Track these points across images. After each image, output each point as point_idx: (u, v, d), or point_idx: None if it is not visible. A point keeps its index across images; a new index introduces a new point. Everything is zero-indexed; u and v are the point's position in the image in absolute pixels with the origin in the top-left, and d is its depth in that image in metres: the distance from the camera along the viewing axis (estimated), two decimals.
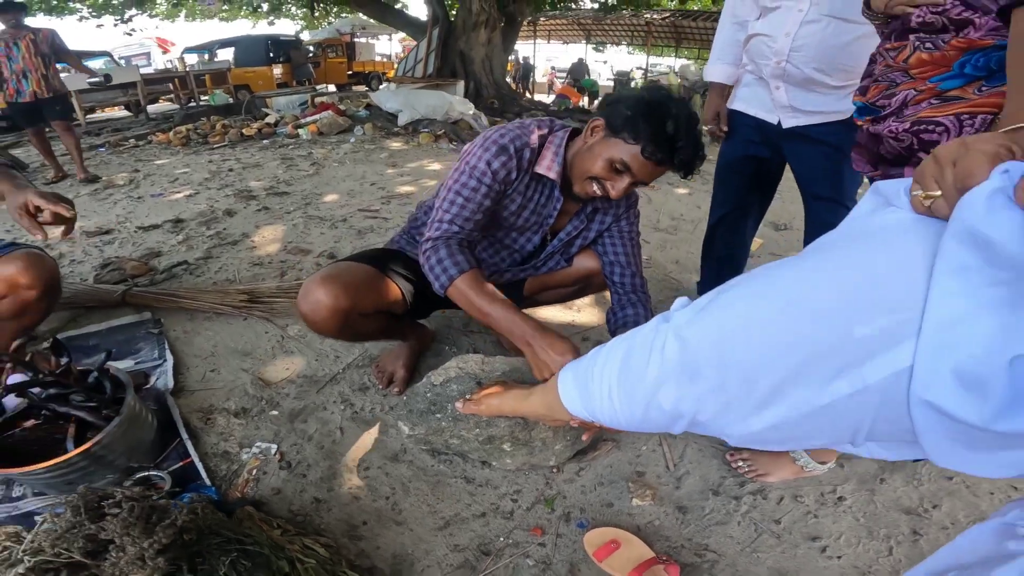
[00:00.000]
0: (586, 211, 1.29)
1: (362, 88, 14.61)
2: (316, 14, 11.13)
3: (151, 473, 1.20)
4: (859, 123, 0.96)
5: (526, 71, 14.06)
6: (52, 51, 3.91)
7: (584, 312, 1.89)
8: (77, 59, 4.35)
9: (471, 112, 5.69)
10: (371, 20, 12.20)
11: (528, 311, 1.17)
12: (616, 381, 0.66)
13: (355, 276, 1.20)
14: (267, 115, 6.03)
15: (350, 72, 14.70)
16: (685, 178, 1.12)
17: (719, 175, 1.73)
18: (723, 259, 1.84)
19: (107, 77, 4.46)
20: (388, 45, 18.25)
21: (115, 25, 10.28)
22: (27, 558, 0.86)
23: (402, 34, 12.84)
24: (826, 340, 0.45)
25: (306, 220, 2.68)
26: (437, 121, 5.26)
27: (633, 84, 11.44)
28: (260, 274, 2.12)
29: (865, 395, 0.43)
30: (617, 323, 1.27)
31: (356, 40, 15.54)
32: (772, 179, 1.68)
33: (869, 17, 0.94)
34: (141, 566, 0.84)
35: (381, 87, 13.87)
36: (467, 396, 1.07)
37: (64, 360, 1.28)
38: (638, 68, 13.69)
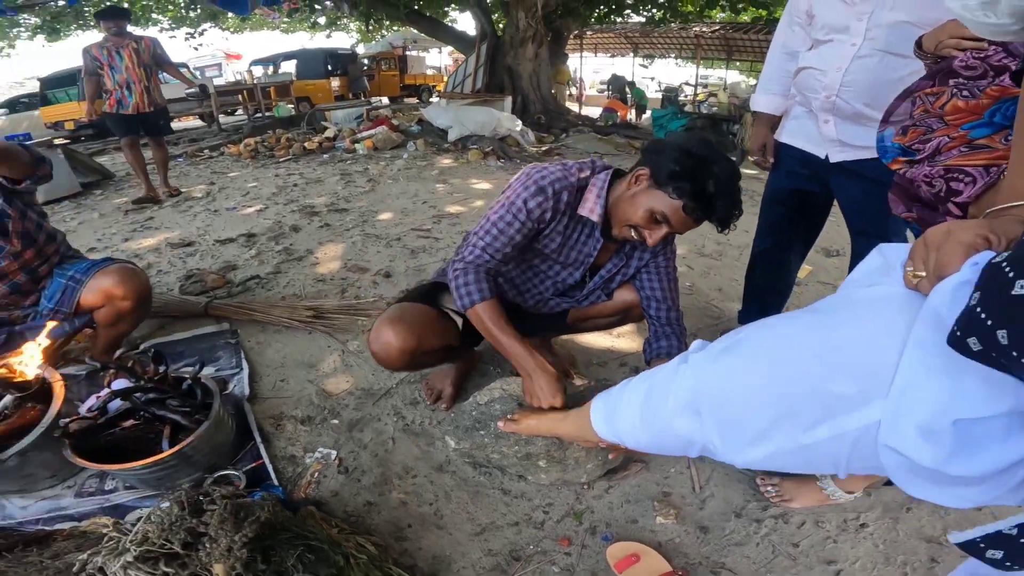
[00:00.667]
0: (625, 249, 1.36)
1: (413, 100, 15.08)
2: (370, 29, 11.56)
3: (229, 472, 1.36)
4: (894, 166, 0.97)
5: (619, 86, 12.59)
6: (154, 62, 3.82)
7: (623, 338, 1.96)
8: (178, 69, 4.25)
9: (518, 128, 5.86)
10: (422, 34, 12.58)
11: (571, 336, 1.27)
12: (639, 410, 0.79)
13: (418, 318, 1.33)
14: (326, 129, 6.39)
15: (402, 85, 15.28)
16: (721, 232, 1.17)
17: (764, 207, 1.73)
18: (766, 289, 1.84)
19: (203, 88, 4.59)
20: (438, 58, 18.70)
21: (187, 39, 10.76)
22: (133, 547, 0.99)
23: (451, 47, 13.17)
24: (812, 394, 0.56)
25: (364, 238, 2.87)
26: (485, 137, 5.45)
27: (682, 98, 11.15)
28: (323, 290, 2.31)
29: (842, 439, 0.55)
30: (652, 353, 1.35)
31: (408, 53, 16.09)
32: (819, 212, 1.67)
33: (920, 56, 0.96)
34: (227, 557, 0.98)
35: (432, 101, 14.26)
36: (509, 416, 1.21)
37: (162, 368, 1.48)
38: (687, 84, 13.27)
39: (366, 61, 14.64)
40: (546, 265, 1.39)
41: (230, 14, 9.68)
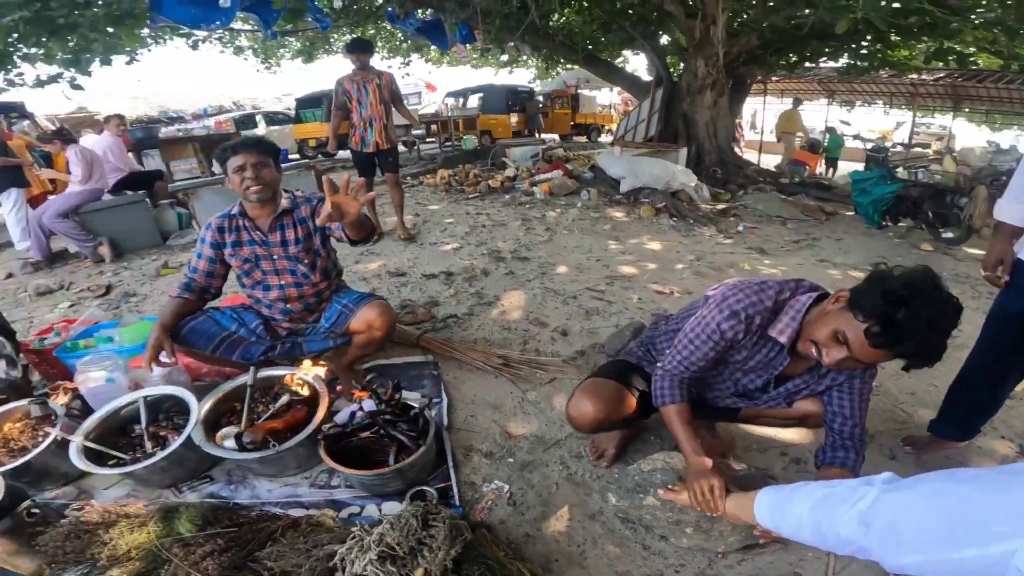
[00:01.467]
0: (820, 369, 1.35)
1: (583, 139, 15.53)
2: (549, 69, 12.14)
3: (425, 488, 1.63)
4: None
5: (813, 146, 10.57)
6: (392, 98, 3.80)
7: (788, 429, 1.91)
8: (407, 108, 4.16)
9: (693, 184, 5.76)
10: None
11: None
12: (809, 511, 0.92)
13: (610, 394, 1.56)
14: (506, 166, 7.02)
15: (573, 123, 15.71)
16: (905, 370, 1.14)
17: (989, 323, 1.60)
18: (972, 407, 1.69)
19: (428, 127, 5.02)
20: (609, 96, 19.01)
21: (400, 68, 11.95)
22: (374, 548, 1.26)
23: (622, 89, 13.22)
24: (975, 527, 0.69)
25: (543, 291, 3.14)
26: (658, 191, 5.48)
27: (891, 149, 9.43)
28: (508, 339, 2.60)
29: (985, 559, 0.67)
30: (825, 460, 1.37)
31: (580, 92, 16.45)
32: None
33: None
34: (435, 565, 1.21)
35: (601, 141, 14.49)
36: (669, 486, 1.39)
37: (397, 395, 1.84)
38: (900, 143, 11.10)
39: (541, 98, 15.37)
40: (730, 371, 1.48)
41: (432, 47, 10.70)
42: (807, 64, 9.46)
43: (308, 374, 1.92)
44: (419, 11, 7.18)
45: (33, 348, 2.39)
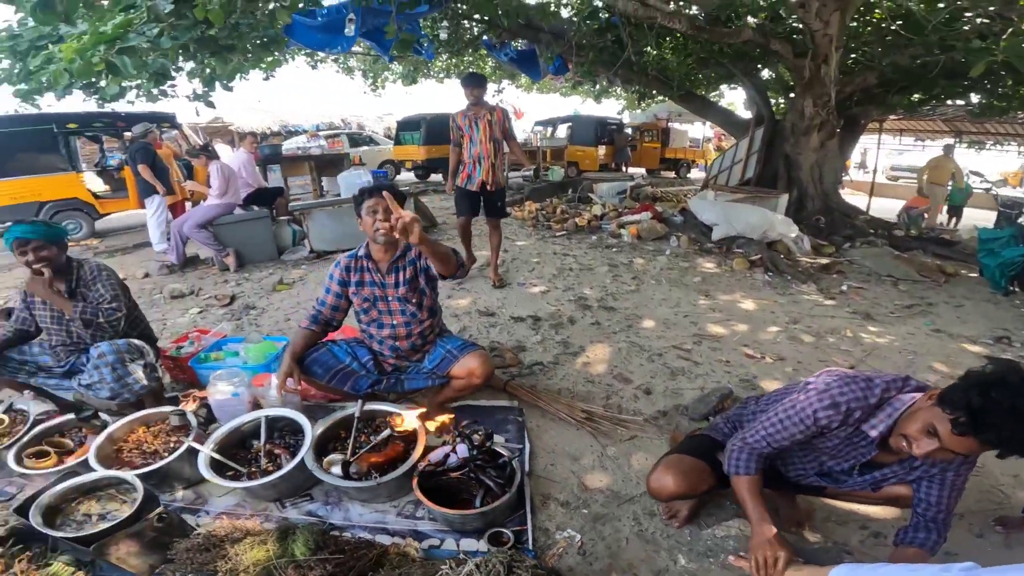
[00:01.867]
0: (913, 463, 1.35)
1: (671, 174, 15.19)
2: (641, 105, 11.98)
3: (502, 530, 1.69)
4: None
5: (956, 207, 8.89)
6: (503, 135, 3.66)
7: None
8: (520, 146, 4.01)
9: (793, 234, 5.46)
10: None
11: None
12: None
13: (692, 471, 1.60)
14: (592, 202, 7.06)
15: (662, 158, 15.39)
16: (1000, 458, 1.13)
17: None
18: None
19: (536, 171, 4.98)
20: (701, 129, 18.52)
21: (494, 95, 12.05)
22: None
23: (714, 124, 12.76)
24: None
25: (628, 346, 3.12)
26: (754, 241, 5.26)
27: None
28: (591, 392, 2.61)
29: None
30: (906, 540, 1.38)
31: (671, 125, 16.12)
32: None
33: None
34: None
35: (689, 177, 14.07)
36: (741, 553, 1.43)
37: (489, 443, 1.92)
38: None
39: (630, 131, 15.17)
40: (815, 454, 1.49)
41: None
42: (933, 103, 8.62)
43: (411, 415, 2.05)
44: (515, 41, 7.48)
45: (171, 355, 2.75)
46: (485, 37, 7.52)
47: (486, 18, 6.73)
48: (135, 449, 2.02)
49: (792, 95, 7.87)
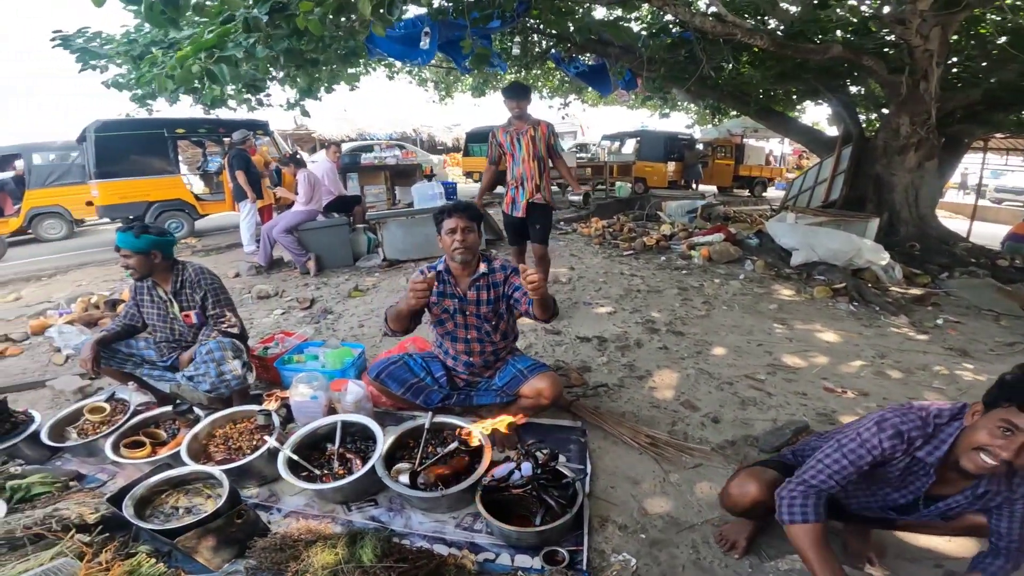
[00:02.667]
0: (977, 491, 1.31)
1: (745, 193, 14.52)
2: (714, 117, 11.57)
3: (558, 549, 1.68)
4: None
5: None
6: (549, 152, 3.30)
7: (955, 542, 1.72)
8: (568, 166, 3.61)
9: (883, 262, 5.06)
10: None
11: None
12: None
13: (774, 481, 1.54)
14: (661, 220, 6.91)
15: (736, 176, 14.75)
16: None
17: None
18: None
19: (586, 197, 4.68)
20: (779, 147, 17.66)
21: (559, 108, 12.14)
22: None
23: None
24: None
25: (697, 372, 3.02)
26: (837, 269, 4.94)
27: None
28: (656, 417, 2.55)
29: None
30: (979, 565, 1.35)
31: (746, 142, 15.47)
32: None
33: None
34: None
35: (765, 196, 13.39)
36: None
37: (553, 463, 1.92)
38: None
39: (701, 146, 14.69)
40: (876, 486, 1.44)
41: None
42: None
43: (480, 430, 2.09)
44: (583, 55, 7.47)
45: (258, 355, 2.95)
46: (554, 51, 7.59)
47: (555, 33, 6.80)
48: (222, 444, 2.17)
49: (885, 111, 7.39)
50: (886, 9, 6.12)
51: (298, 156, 5.87)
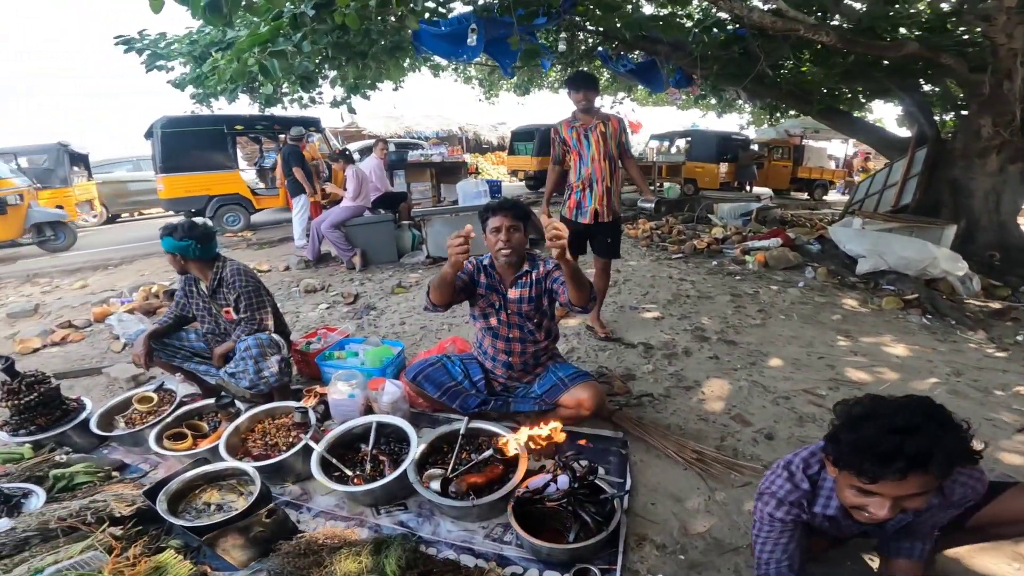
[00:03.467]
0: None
1: (803, 196, 13.80)
2: (772, 117, 11.02)
3: (590, 567, 1.59)
4: None
5: None
6: (620, 152, 2.99)
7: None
8: (639, 168, 3.19)
9: (960, 273, 4.63)
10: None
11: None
12: None
13: None
14: (712, 223, 6.60)
15: (793, 178, 14.01)
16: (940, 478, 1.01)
17: None
18: None
19: (659, 204, 4.32)
20: (842, 147, 16.65)
21: (610, 107, 11.92)
22: None
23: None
24: None
25: (750, 385, 2.82)
26: (909, 278, 4.55)
27: None
28: (704, 431, 2.38)
29: None
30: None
31: (806, 143, 14.65)
32: None
33: None
34: None
35: (826, 199, 12.66)
36: None
37: (591, 477, 1.81)
38: None
39: (756, 147, 14.03)
40: (831, 527, 1.37)
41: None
42: None
43: (517, 439, 2.01)
44: (632, 53, 7.23)
45: (300, 349, 2.98)
46: (600, 48, 7.40)
47: (601, 30, 6.62)
48: (259, 440, 2.18)
49: (964, 113, 6.81)
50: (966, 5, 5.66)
51: (347, 152, 5.97)
